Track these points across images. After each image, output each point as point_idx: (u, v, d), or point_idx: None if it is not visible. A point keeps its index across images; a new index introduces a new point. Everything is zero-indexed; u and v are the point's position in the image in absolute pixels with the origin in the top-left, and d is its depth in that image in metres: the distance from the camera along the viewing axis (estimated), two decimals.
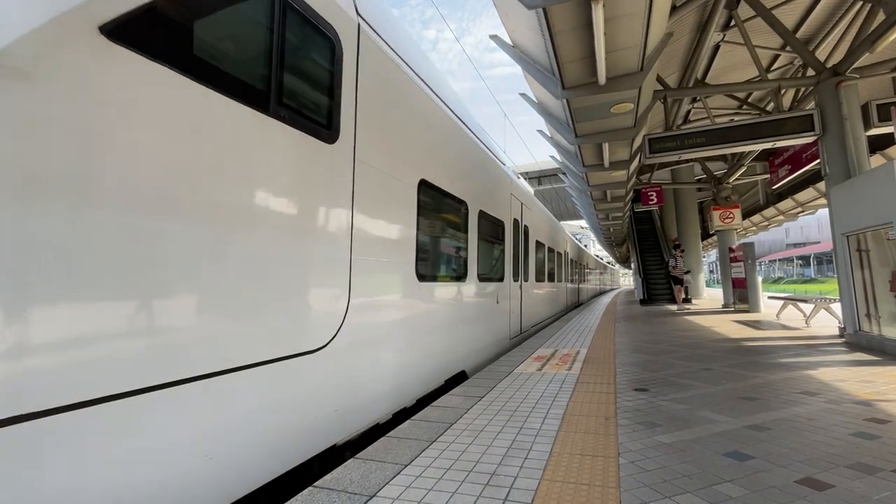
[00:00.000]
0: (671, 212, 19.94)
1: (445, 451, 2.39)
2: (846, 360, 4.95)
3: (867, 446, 2.42)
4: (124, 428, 1.53)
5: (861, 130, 6.94)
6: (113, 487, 1.50)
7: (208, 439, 1.82)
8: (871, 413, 3.02)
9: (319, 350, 2.46)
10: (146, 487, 1.59)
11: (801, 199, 17.48)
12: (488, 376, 4.25)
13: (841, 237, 6.38)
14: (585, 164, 10.25)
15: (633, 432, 2.69)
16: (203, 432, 1.81)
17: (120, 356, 1.51)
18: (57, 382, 1.34)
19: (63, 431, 1.36)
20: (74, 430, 1.39)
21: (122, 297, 1.51)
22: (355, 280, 2.78)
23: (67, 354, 1.37)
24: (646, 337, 7.23)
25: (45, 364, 1.31)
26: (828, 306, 8.38)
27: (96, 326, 1.44)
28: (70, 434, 1.38)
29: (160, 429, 1.64)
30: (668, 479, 2.04)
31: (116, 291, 1.50)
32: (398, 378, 3.38)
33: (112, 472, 1.50)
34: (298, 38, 2.35)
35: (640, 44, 5.27)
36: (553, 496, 1.88)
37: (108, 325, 1.47)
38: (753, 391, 3.64)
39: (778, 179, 10.37)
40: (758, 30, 8.79)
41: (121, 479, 1.52)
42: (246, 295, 1.99)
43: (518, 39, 6.05)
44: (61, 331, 1.35)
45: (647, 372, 4.45)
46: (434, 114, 4.16)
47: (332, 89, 2.61)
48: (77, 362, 1.39)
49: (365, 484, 2.01)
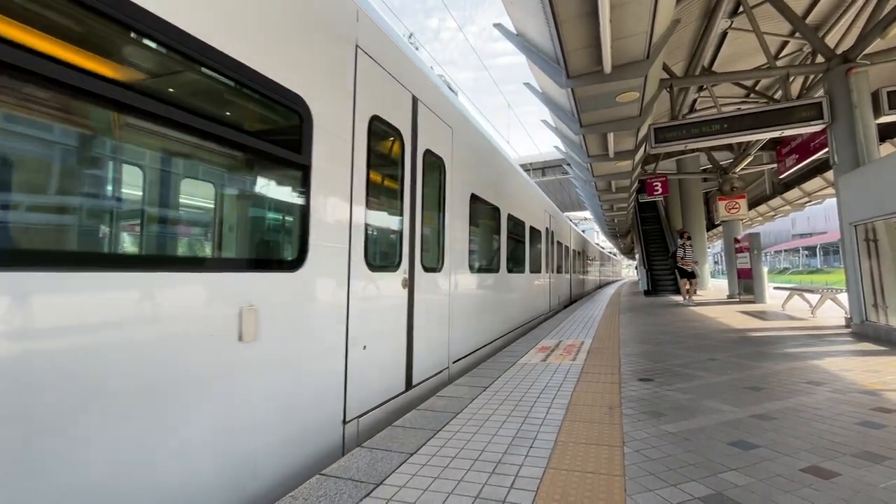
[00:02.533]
0: (676, 202, 19.79)
1: (451, 441, 2.41)
2: (852, 350, 4.92)
3: (874, 435, 2.42)
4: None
5: (871, 118, 6.83)
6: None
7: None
8: (877, 402, 3.01)
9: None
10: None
11: (809, 189, 17.32)
12: (493, 367, 4.26)
13: (849, 227, 6.31)
14: (590, 154, 10.17)
15: (638, 422, 2.70)
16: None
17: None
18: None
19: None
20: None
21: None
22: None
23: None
24: (650, 328, 7.22)
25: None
26: (834, 296, 8.33)
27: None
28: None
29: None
30: (673, 468, 2.05)
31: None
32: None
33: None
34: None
35: (646, 31, 5.20)
36: (558, 484, 1.89)
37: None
38: (758, 381, 3.64)
39: (785, 169, 10.26)
40: (766, 16, 8.63)
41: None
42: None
43: (522, 28, 5.97)
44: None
45: (651, 362, 4.45)
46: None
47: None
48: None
49: (371, 472, 2.03)
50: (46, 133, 1.49)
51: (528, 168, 29.74)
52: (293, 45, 2.23)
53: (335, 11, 2.58)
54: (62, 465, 1.35)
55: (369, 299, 2.87)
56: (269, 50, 2.07)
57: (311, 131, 2.33)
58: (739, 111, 8.13)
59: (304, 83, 2.28)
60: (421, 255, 3.56)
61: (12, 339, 1.25)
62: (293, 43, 2.23)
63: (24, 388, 1.26)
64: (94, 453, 1.42)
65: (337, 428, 2.53)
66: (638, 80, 6.19)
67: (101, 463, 1.44)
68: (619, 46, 5.47)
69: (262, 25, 2.04)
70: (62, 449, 1.35)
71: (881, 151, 6.97)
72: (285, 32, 2.17)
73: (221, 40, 1.83)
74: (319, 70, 2.41)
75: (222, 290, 1.84)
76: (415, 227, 3.47)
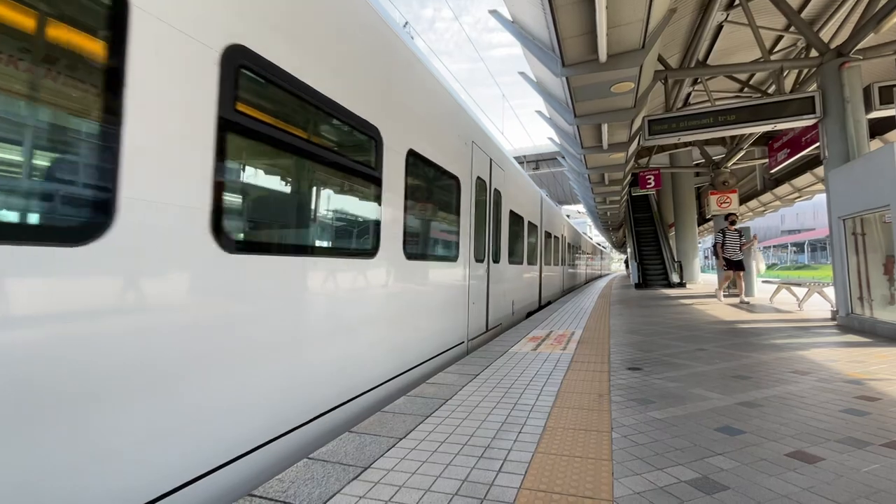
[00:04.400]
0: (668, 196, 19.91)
1: (440, 426, 2.40)
2: (838, 342, 5.00)
3: (857, 422, 2.45)
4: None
5: (862, 113, 6.88)
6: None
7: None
8: (861, 391, 3.05)
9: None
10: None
11: (799, 185, 17.47)
12: (484, 355, 4.26)
13: (837, 220, 6.38)
14: (584, 145, 10.15)
15: (627, 408, 2.71)
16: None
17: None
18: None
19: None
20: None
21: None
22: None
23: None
24: (640, 319, 7.28)
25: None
26: (821, 290, 8.45)
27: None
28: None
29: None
30: (661, 453, 2.06)
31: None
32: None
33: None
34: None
35: (642, 19, 5.15)
36: (547, 467, 1.89)
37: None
38: (746, 370, 3.68)
39: (777, 163, 10.33)
40: (762, 10, 8.62)
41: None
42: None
43: (518, 14, 5.90)
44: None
45: (640, 352, 4.48)
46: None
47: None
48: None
49: (360, 456, 2.02)
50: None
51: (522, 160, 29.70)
52: (560, 226, 7.63)
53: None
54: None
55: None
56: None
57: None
58: (733, 104, 8.14)
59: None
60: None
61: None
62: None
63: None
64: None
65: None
66: (633, 69, 6.16)
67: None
68: (614, 35, 5.43)
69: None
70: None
71: (872, 147, 7.03)
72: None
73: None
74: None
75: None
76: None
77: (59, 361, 1.33)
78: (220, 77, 1.85)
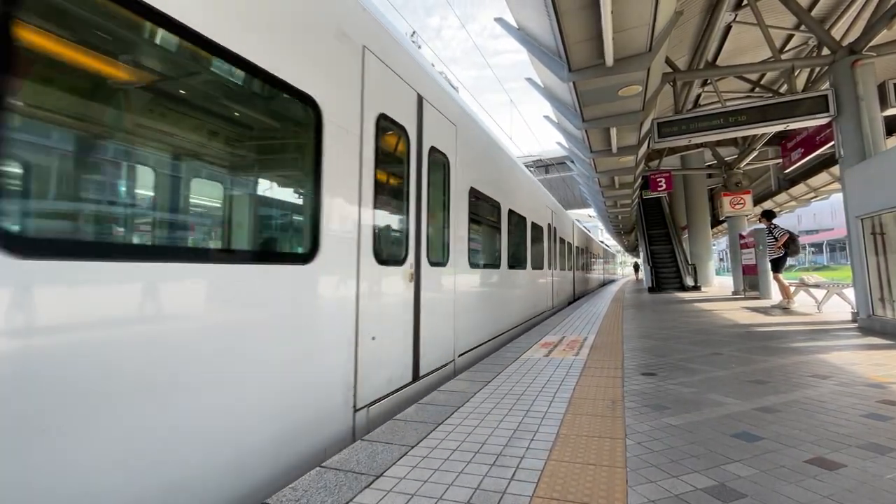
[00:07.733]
0: (680, 199, 19.68)
1: (452, 434, 2.40)
2: (859, 345, 4.87)
3: (880, 427, 2.39)
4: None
5: (877, 111, 6.75)
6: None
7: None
8: (883, 395, 2.97)
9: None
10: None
11: (814, 184, 17.17)
12: (495, 362, 4.25)
13: (855, 220, 6.25)
14: (593, 149, 10.12)
15: (641, 415, 2.68)
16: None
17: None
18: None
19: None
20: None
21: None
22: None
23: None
24: (654, 323, 7.19)
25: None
26: (840, 291, 8.26)
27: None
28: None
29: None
30: (676, 460, 2.03)
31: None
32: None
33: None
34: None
35: (648, 23, 5.15)
36: (559, 475, 1.87)
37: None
38: (763, 375, 3.60)
39: (790, 163, 10.17)
40: (770, 9, 8.55)
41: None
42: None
43: (523, 21, 5.94)
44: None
45: (654, 357, 4.42)
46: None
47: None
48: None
49: (372, 464, 2.03)
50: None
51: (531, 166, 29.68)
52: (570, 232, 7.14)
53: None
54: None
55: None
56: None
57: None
58: (744, 105, 8.06)
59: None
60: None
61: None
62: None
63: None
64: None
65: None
66: (640, 73, 6.14)
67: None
68: (620, 39, 5.43)
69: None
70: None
71: (888, 145, 6.89)
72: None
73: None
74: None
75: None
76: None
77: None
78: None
